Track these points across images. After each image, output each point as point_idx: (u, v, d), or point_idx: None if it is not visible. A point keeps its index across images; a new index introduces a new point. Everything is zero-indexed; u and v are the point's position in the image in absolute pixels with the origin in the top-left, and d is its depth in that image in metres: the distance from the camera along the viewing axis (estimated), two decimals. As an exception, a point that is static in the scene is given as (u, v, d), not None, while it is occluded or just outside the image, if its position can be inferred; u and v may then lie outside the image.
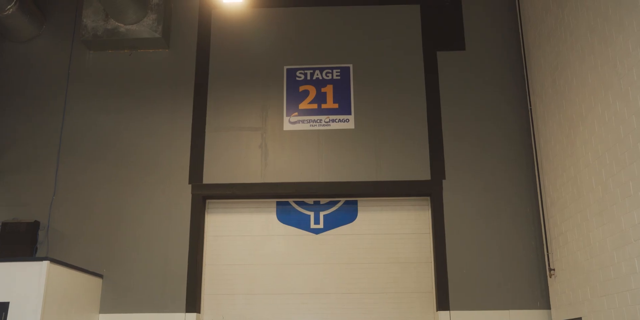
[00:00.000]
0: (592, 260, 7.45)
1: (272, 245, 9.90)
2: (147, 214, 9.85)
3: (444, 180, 9.76)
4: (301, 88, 10.41)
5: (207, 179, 9.97)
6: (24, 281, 7.71)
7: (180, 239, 9.67)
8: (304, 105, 10.32)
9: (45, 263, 7.78)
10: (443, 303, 9.14)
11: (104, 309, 9.37)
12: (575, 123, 7.97)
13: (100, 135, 10.27)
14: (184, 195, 9.89)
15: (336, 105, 10.28)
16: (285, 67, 10.49)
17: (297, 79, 10.44)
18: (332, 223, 9.95)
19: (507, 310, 9.09)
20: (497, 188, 9.69)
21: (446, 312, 9.09)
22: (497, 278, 9.27)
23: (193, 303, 9.31)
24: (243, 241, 9.94)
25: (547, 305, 9.05)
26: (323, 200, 10.10)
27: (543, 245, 9.19)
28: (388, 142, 10.00)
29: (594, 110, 7.33)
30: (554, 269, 8.77)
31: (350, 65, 10.43)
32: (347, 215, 9.99)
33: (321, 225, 9.95)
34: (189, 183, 9.95)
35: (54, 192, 9.99)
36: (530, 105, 9.71)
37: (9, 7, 9.77)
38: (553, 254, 8.84)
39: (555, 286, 8.78)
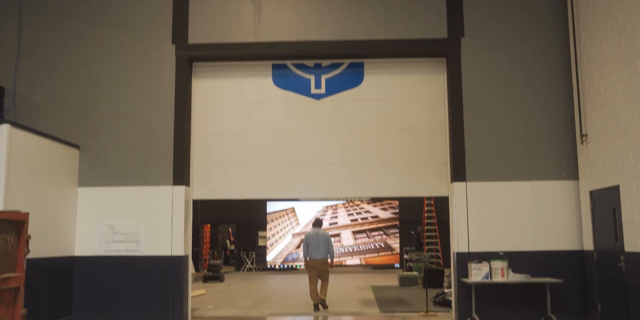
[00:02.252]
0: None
1: (268, 112, 8.85)
2: (126, 79, 8.72)
3: (462, 39, 8.55)
4: None
5: (192, 39, 8.73)
6: (-16, 146, 6.74)
7: (165, 106, 8.61)
8: (302, -48, 8.90)
9: (6, 126, 6.76)
10: (459, 174, 8.24)
11: (82, 182, 8.48)
12: (629, -41, 6.66)
13: (68, -12, 8.92)
14: (167, 57, 8.71)
15: (340, -48, 8.85)
16: None
17: None
18: (335, 87, 8.84)
19: (529, 181, 8.21)
20: (523, 47, 8.49)
21: (462, 184, 8.21)
22: (519, 147, 8.32)
23: (181, 175, 8.40)
24: (235, 108, 8.88)
25: (574, 176, 8.16)
26: (325, 62, 8.92)
27: (575, 109, 8.15)
28: (399, -6, 8.70)
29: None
30: (586, 135, 7.81)
31: None
32: (351, 79, 8.86)
33: (323, 90, 8.85)
34: (173, 43, 8.73)
35: (19, 54, 8.78)
36: (568, -52, 8.32)
37: None
38: (586, 118, 7.83)
39: (586, 154, 7.84)
